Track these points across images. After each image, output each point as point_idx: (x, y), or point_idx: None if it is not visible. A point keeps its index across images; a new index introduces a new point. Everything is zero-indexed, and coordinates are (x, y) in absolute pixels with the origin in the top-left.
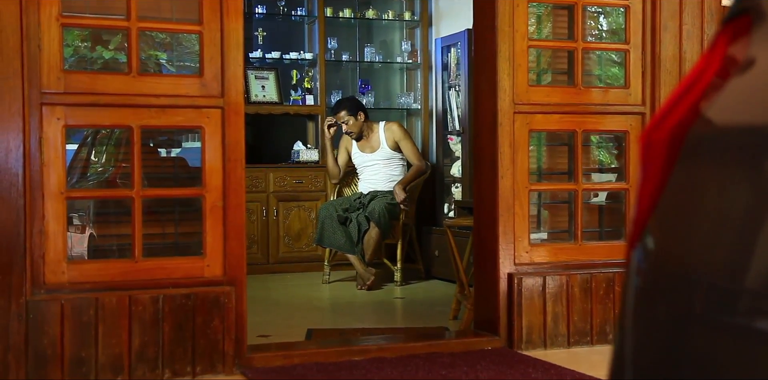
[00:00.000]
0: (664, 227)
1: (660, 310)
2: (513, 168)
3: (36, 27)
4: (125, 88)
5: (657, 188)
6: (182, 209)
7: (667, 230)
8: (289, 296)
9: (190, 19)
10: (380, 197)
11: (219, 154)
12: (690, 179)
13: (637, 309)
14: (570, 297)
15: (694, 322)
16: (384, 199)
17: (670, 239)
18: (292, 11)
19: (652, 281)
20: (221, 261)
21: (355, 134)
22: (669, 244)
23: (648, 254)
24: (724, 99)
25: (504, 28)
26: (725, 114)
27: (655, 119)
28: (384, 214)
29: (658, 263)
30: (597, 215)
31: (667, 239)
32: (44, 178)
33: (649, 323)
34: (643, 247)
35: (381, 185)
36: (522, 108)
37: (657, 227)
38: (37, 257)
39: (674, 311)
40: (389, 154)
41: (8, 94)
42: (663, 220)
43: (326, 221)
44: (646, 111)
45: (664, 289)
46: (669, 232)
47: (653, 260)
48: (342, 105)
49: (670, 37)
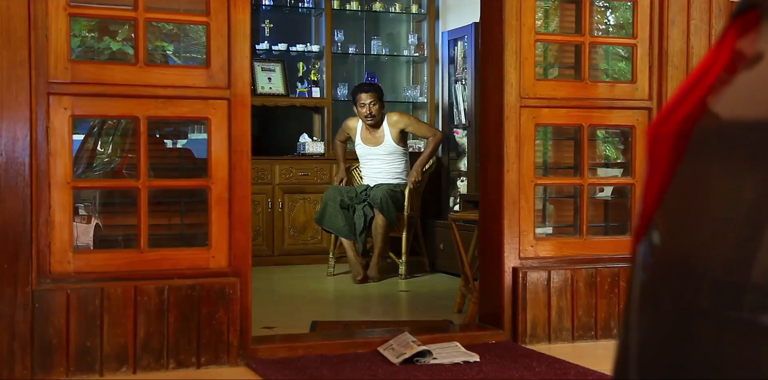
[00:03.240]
0: (670, 221)
1: (665, 305)
2: (519, 162)
3: (44, 16)
4: (132, 78)
5: (663, 183)
6: (188, 200)
7: (672, 225)
8: (293, 288)
9: (198, 10)
10: (383, 186)
11: (225, 145)
12: (696, 174)
13: (642, 304)
14: (575, 291)
15: (699, 317)
16: (387, 186)
17: (676, 233)
18: (299, 3)
19: (658, 276)
20: (226, 253)
21: (374, 120)
22: (675, 238)
23: (653, 248)
24: (732, 94)
25: (511, 21)
26: (732, 109)
27: (663, 113)
28: (387, 200)
29: (663, 257)
30: (603, 210)
31: (673, 233)
32: (51, 167)
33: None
34: (648, 241)
35: (386, 180)
36: (528, 102)
37: (663, 221)
38: (43, 247)
39: (679, 306)
40: (392, 148)
41: (15, 83)
42: (669, 214)
43: (329, 203)
44: (653, 106)
45: (669, 284)
46: (675, 226)
47: (659, 254)
48: (373, 87)
49: (678, 32)
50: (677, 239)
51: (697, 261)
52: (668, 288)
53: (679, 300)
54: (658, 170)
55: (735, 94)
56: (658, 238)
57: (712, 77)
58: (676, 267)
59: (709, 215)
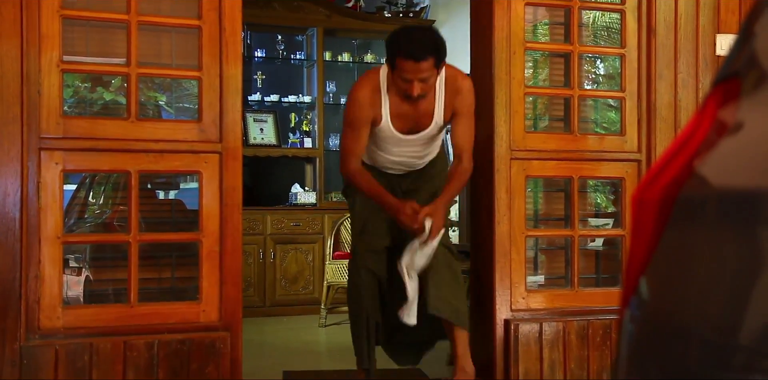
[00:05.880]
0: (657, 284)
1: (654, 365)
2: (510, 214)
3: (36, 73)
4: (124, 133)
5: (649, 248)
6: (179, 254)
7: (660, 288)
8: (285, 340)
9: (190, 64)
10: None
11: (216, 199)
12: (681, 241)
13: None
14: (567, 343)
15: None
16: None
17: (664, 296)
18: (292, 55)
19: (646, 336)
20: (217, 306)
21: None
22: (662, 300)
23: (641, 308)
24: (717, 158)
25: (501, 75)
26: (718, 174)
27: (648, 177)
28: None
29: (651, 318)
30: (594, 261)
31: (661, 296)
32: (41, 223)
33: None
34: (636, 302)
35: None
36: (519, 154)
37: (650, 284)
38: (32, 302)
39: (668, 366)
40: (436, 130)
41: (7, 139)
42: (655, 278)
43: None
44: (642, 158)
45: (657, 344)
46: (662, 289)
47: (646, 316)
48: (428, 49)
49: (666, 85)
50: (665, 301)
51: (686, 322)
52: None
53: (668, 359)
54: (644, 235)
55: (720, 159)
56: (645, 298)
57: (697, 141)
58: (664, 327)
59: (695, 279)
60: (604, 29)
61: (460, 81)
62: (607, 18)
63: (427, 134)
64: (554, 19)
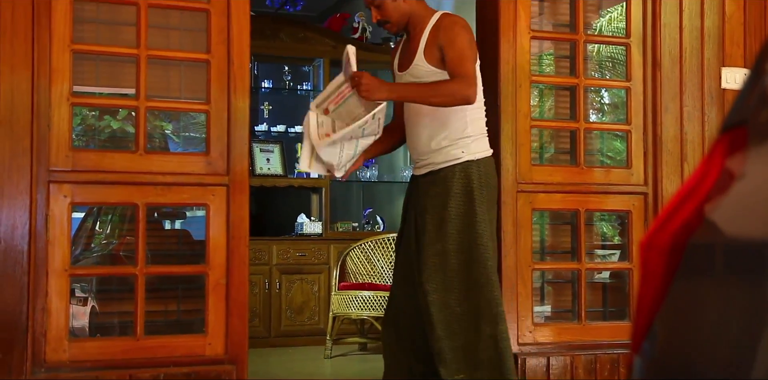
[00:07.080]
0: (667, 330)
1: None
2: (516, 247)
3: (47, 106)
4: (132, 166)
5: (659, 294)
6: (185, 286)
7: (670, 334)
8: (290, 371)
9: (198, 97)
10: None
11: (223, 231)
12: (692, 290)
13: None
14: (574, 377)
15: None
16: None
17: (673, 342)
18: (298, 85)
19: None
20: (223, 339)
21: (394, 25)
22: (673, 346)
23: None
24: (728, 205)
25: (507, 108)
26: (729, 222)
27: (657, 223)
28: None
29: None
30: (601, 293)
31: (671, 342)
32: (49, 255)
33: None
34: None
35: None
36: (525, 187)
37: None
38: (38, 335)
39: None
40: (421, 71)
41: (16, 171)
42: (666, 324)
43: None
44: (649, 191)
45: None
46: (672, 336)
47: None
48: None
49: (671, 118)
50: (675, 346)
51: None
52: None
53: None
54: (653, 282)
55: (731, 206)
56: (656, 344)
57: (707, 187)
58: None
59: (705, 328)
60: (608, 60)
61: (443, 19)
62: (611, 48)
63: (411, 72)
64: (559, 51)
